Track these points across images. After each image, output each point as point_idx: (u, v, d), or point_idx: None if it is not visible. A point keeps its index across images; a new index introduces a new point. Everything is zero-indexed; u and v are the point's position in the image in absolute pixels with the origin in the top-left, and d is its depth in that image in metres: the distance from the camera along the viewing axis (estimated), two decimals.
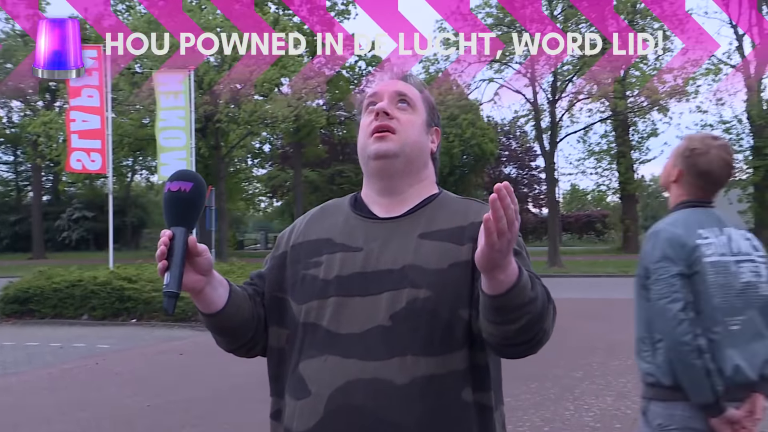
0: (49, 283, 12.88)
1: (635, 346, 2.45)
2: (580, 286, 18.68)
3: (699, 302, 2.25)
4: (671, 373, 2.26)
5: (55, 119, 27.48)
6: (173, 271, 1.33)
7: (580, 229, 46.79)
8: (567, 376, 7.20)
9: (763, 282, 2.37)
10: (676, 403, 2.26)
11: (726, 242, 2.36)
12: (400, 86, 1.58)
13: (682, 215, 2.41)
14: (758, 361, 2.29)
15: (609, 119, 30.33)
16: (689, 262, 2.27)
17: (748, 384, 2.26)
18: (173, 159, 18.00)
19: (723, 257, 2.32)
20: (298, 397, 1.44)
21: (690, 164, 2.42)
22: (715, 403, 2.18)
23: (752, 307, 2.33)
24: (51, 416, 6.05)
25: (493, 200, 1.14)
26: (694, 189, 2.44)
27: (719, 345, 2.23)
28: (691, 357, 2.18)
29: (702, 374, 2.17)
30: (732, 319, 2.28)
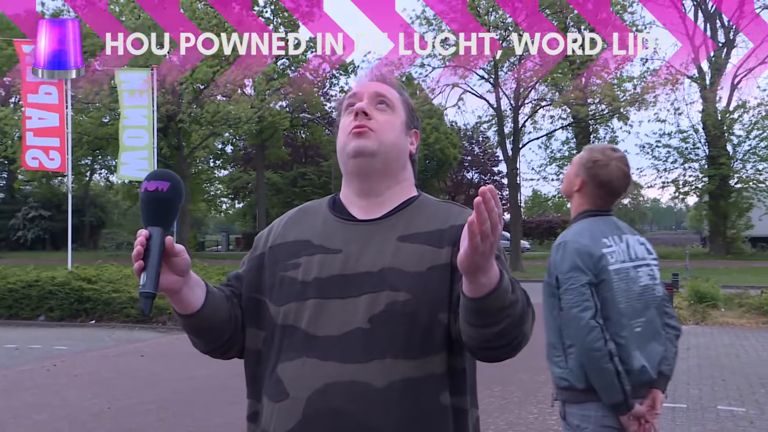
0: (4, 282, 12.60)
1: (546, 352, 2.56)
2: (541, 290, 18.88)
3: (606, 308, 2.37)
4: (584, 376, 2.37)
5: (10, 116, 26.87)
6: (150, 272, 1.30)
7: (540, 235, 47.34)
8: (531, 380, 7.26)
9: (658, 284, 2.57)
10: (589, 404, 2.38)
11: (625, 249, 2.51)
12: (380, 88, 1.59)
13: (586, 225, 2.52)
14: (656, 359, 2.47)
15: (570, 126, 30.78)
16: (596, 271, 2.39)
17: (650, 381, 2.44)
18: (135, 158, 17.76)
19: (624, 264, 2.47)
20: (276, 400, 1.44)
21: (592, 175, 2.53)
22: (625, 401, 2.32)
23: (650, 308, 2.50)
24: (5, 420, 5.91)
25: (477, 203, 1.14)
26: (595, 199, 2.56)
27: (626, 348, 2.37)
28: (602, 362, 2.30)
29: (613, 376, 2.30)
30: (636, 322, 2.43)
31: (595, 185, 2.53)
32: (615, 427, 2.39)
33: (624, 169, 2.56)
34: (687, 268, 19.08)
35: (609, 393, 2.32)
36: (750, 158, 31.79)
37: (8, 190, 49.50)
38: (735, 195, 32.90)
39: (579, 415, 2.42)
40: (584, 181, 2.55)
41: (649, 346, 2.45)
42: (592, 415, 2.39)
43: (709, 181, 31.74)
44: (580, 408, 2.41)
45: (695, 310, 12.42)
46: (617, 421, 2.37)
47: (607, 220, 2.57)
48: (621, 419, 2.36)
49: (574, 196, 2.60)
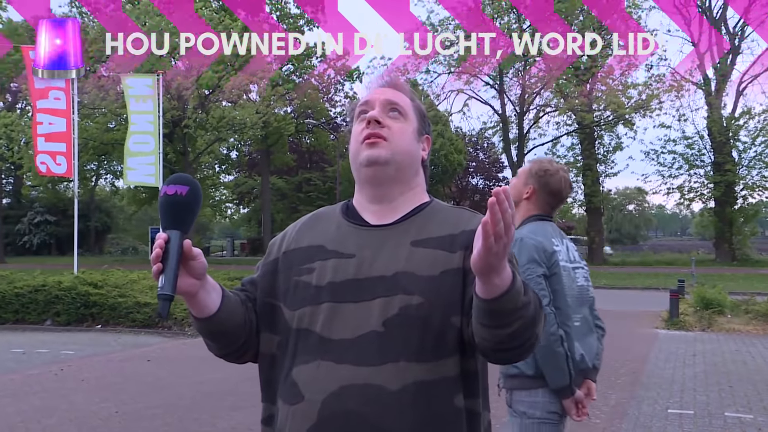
0: (11, 287, 12.62)
1: None
2: None
3: (557, 300, 2.60)
4: (534, 363, 2.56)
5: (17, 121, 26.96)
6: (168, 274, 1.32)
7: None
8: None
9: (590, 285, 2.90)
10: (537, 390, 2.58)
11: (566, 251, 2.80)
12: (391, 95, 1.60)
13: (537, 226, 2.77)
14: (593, 352, 2.75)
15: (575, 132, 30.79)
16: (549, 264, 2.63)
17: (586, 371, 2.70)
18: (141, 164, 17.81)
19: (566, 264, 2.74)
20: (291, 403, 1.45)
21: (543, 183, 2.82)
22: (570, 385, 2.54)
23: (585, 306, 2.80)
24: (15, 424, 5.93)
25: (491, 204, 1.15)
26: (544, 205, 2.85)
27: (570, 337, 2.60)
28: (555, 345, 2.50)
29: (563, 360, 2.51)
30: (575, 316, 2.69)
31: (546, 193, 2.82)
32: (558, 413, 2.59)
33: (569, 179, 2.91)
34: (693, 275, 19.05)
35: (558, 376, 2.52)
36: (756, 165, 31.78)
37: (14, 195, 49.68)
38: (741, 201, 32.86)
39: (527, 402, 2.59)
40: (535, 189, 2.82)
41: (586, 339, 2.72)
42: (540, 401, 2.57)
43: (715, 188, 31.72)
44: (529, 394, 2.59)
45: (701, 317, 12.40)
46: (561, 407, 2.57)
47: (552, 224, 2.85)
48: (564, 402, 2.55)
49: (522, 203, 2.85)
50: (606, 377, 7.75)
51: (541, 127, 28.95)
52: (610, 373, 8.02)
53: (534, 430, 2.58)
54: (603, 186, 34.63)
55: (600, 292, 17.47)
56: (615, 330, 11.71)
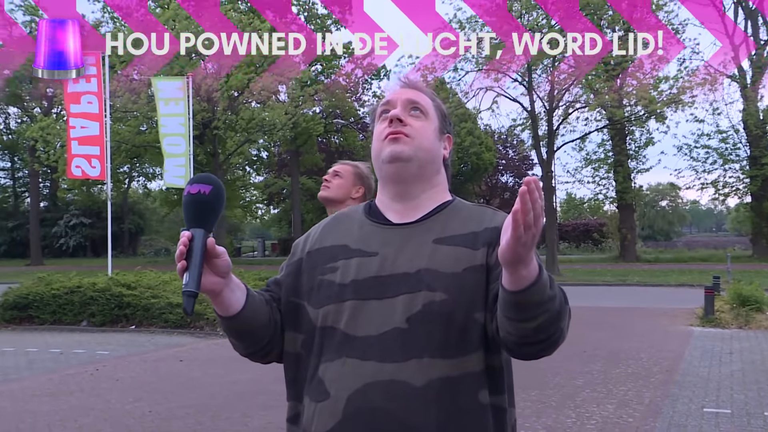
0: (48, 289, 12.86)
1: None
2: (579, 294, 18.67)
3: None
4: None
5: (53, 125, 27.43)
6: (192, 272, 1.34)
7: (577, 238, 46.83)
8: (568, 384, 7.20)
9: None
10: None
11: None
12: (413, 94, 1.62)
13: None
14: None
15: (606, 128, 30.42)
16: None
17: None
18: (173, 166, 18.03)
19: None
20: (317, 400, 1.46)
21: (368, 186, 3.06)
22: None
23: None
24: (53, 422, 6.04)
25: (522, 193, 1.15)
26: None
27: None
28: None
29: None
30: None
31: (370, 195, 3.01)
32: None
33: None
34: (729, 271, 18.70)
35: None
36: None
37: (51, 199, 50.62)
38: None
39: None
40: (365, 191, 3.05)
41: None
42: None
43: (751, 182, 31.13)
44: None
45: (738, 314, 12.16)
46: None
47: None
48: None
49: (349, 201, 3.00)
50: (639, 375, 7.67)
51: (571, 123, 28.62)
52: (644, 371, 7.93)
53: None
54: (634, 182, 34.19)
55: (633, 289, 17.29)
56: (648, 328, 11.60)
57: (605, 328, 11.46)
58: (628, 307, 14.94)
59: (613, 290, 19.93)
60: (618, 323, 12.14)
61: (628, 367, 8.14)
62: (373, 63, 43.96)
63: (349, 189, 3.04)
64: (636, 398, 6.64)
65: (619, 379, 7.49)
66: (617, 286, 21.27)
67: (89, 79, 15.65)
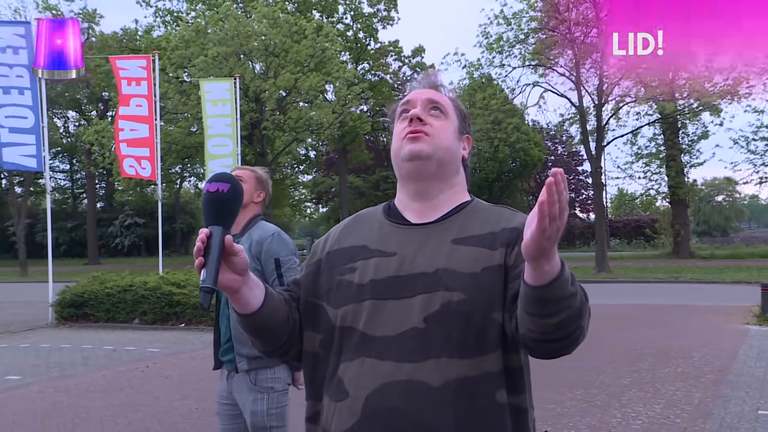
0: (102, 288, 13.21)
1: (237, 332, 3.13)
2: (629, 291, 18.37)
3: None
4: None
5: (107, 128, 28.11)
6: (209, 268, 1.35)
7: (628, 234, 45.96)
8: (614, 383, 7.09)
9: None
10: (279, 367, 3.08)
11: None
12: (432, 94, 1.63)
13: (269, 225, 3.26)
14: None
15: (657, 122, 29.73)
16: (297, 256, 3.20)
17: None
18: (220, 166, 18.29)
19: None
20: (336, 399, 1.48)
21: (268, 190, 3.35)
22: None
23: None
24: (104, 417, 6.22)
25: (549, 184, 1.15)
26: (262, 207, 3.34)
27: None
28: None
29: None
30: None
31: (268, 199, 3.35)
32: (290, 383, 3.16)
33: None
34: None
35: None
36: None
37: (107, 200, 51.99)
38: None
39: (271, 378, 3.06)
40: (265, 196, 3.31)
41: None
42: (281, 375, 3.09)
43: None
44: (273, 372, 3.07)
45: None
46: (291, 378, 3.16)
47: None
48: (294, 375, 3.16)
49: (252, 205, 3.25)
50: (690, 375, 7.49)
51: (621, 117, 28.06)
52: (695, 370, 7.75)
53: (280, 400, 3.08)
54: (688, 177, 33.36)
55: (686, 286, 16.83)
56: (701, 326, 11.32)
57: (655, 326, 11.23)
58: (681, 304, 14.59)
59: (666, 287, 19.51)
60: (669, 321, 11.88)
61: (678, 367, 7.97)
62: (421, 61, 44.02)
63: (251, 194, 3.25)
64: (685, 398, 6.49)
65: (668, 378, 7.34)
66: (670, 283, 20.81)
67: (139, 82, 16.02)
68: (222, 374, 3.24)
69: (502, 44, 25.13)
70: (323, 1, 40.98)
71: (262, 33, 29.03)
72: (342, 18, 42.85)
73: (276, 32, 29.19)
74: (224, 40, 28.22)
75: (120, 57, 17.41)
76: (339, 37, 37.82)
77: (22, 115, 13.68)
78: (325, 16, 41.09)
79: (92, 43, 43.60)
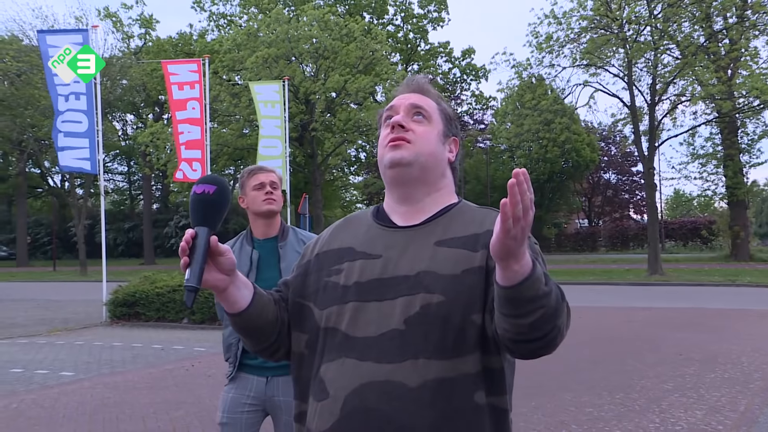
0: (153, 287, 13.54)
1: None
2: (682, 294, 17.94)
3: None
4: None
5: (162, 130, 28.71)
6: (194, 267, 1.39)
7: (684, 236, 44.85)
8: (656, 387, 6.95)
9: None
10: None
11: None
12: (416, 99, 1.64)
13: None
14: None
15: (714, 121, 28.92)
16: None
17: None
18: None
19: None
20: (318, 399, 1.51)
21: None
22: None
23: None
24: (147, 414, 6.39)
25: (511, 185, 1.16)
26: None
27: None
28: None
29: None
30: None
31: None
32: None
33: None
34: None
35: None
36: None
37: (162, 201, 53.21)
38: None
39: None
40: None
41: None
42: None
43: None
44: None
45: None
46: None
47: None
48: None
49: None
50: (737, 381, 7.30)
51: (676, 117, 27.34)
52: (743, 376, 7.55)
53: None
54: (747, 177, 32.37)
55: (743, 290, 16.32)
56: (753, 331, 11.01)
57: (705, 330, 10.95)
58: (735, 308, 14.18)
59: (721, 291, 18.99)
60: (720, 325, 11.58)
61: (725, 372, 7.77)
62: (471, 63, 43.83)
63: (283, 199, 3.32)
64: (730, 405, 6.33)
65: (713, 384, 7.16)
66: (725, 286, 20.23)
67: (192, 85, 16.38)
68: (244, 382, 3.12)
69: (552, 44, 24.77)
70: (373, 3, 41.19)
71: (312, 36, 29.33)
72: (392, 19, 42.98)
73: (326, 35, 29.46)
74: (275, 43, 28.61)
75: (171, 62, 17.81)
76: (389, 38, 37.92)
77: (77, 119, 14.13)
78: (375, 18, 41.26)
79: (148, 47, 44.75)
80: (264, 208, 3.15)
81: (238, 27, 36.50)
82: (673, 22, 24.16)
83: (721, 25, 25.56)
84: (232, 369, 3.13)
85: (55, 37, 14.51)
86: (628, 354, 8.89)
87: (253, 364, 3.09)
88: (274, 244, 3.16)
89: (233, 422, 3.08)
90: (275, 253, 3.13)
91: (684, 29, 24.71)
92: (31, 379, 8.37)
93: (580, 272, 27.23)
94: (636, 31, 24.21)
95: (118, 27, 43.55)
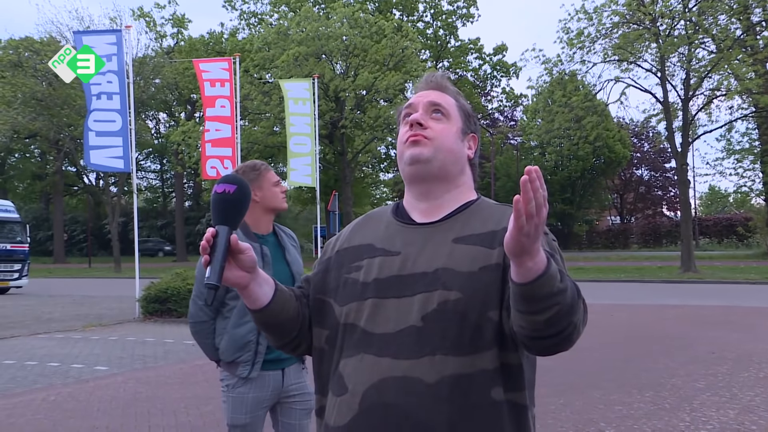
0: (184, 284, 13.68)
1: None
2: (716, 292, 17.67)
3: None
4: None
5: (193, 129, 29.00)
6: (214, 265, 1.42)
7: (719, 233, 44.10)
8: (687, 386, 6.87)
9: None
10: None
11: None
12: (435, 96, 1.65)
13: None
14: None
15: (752, 116, 28.37)
16: None
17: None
18: (300, 164, 18.73)
19: None
20: (337, 394, 1.53)
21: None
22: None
23: None
24: (178, 408, 6.49)
25: (523, 182, 1.17)
26: None
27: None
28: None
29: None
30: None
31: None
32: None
33: None
34: None
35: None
36: None
37: (194, 198, 53.80)
38: None
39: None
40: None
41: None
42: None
43: None
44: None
45: None
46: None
47: None
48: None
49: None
50: None
51: (711, 112, 26.85)
52: None
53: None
54: None
55: None
56: None
57: (739, 329, 10.78)
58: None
59: (757, 289, 18.68)
60: (755, 324, 11.39)
61: (760, 371, 7.64)
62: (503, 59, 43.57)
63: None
64: (764, 404, 6.23)
65: (747, 383, 7.05)
66: (762, 284, 19.90)
67: (223, 83, 16.53)
68: (261, 381, 3.11)
69: (583, 40, 24.53)
70: (403, 0, 41.12)
71: (342, 33, 29.42)
72: (422, 16, 42.87)
73: (356, 32, 29.52)
74: (305, 41, 28.73)
75: (203, 60, 18.02)
76: (419, 35, 37.83)
77: (110, 119, 14.33)
78: (405, 15, 41.20)
79: (181, 47, 45.24)
80: (283, 204, 3.22)
81: (269, 25, 36.71)
82: (709, 15, 23.75)
83: (760, 17, 25.06)
84: (250, 368, 3.08)
85: (90, 37, 14.74)
86: (658, 352, 8.79)
87: (269, 358, 3.11)
88: (274, 238, 3.23)
89: (255, 420, 3.11)
90: (279, 246, 3.21)
91: (720, 22, 24.26)
92: (67, 372, 8.54)
93: (612, 270, 26.94)
94: (669, 25, 23.87)
95: (151, 27, 44.15)
